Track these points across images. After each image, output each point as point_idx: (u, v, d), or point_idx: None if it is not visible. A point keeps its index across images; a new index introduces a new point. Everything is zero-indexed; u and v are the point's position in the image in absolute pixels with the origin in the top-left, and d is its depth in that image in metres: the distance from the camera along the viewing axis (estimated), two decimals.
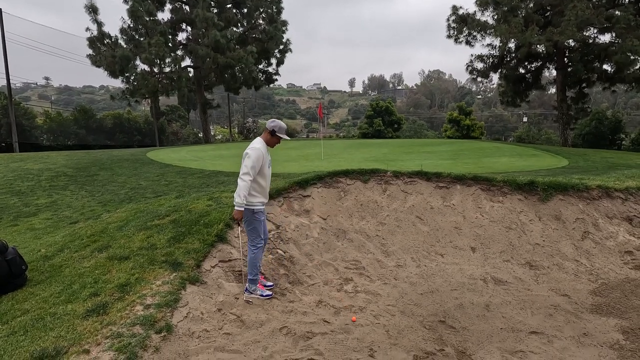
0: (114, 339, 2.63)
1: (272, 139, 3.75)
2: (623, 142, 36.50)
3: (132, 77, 24.14)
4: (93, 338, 2.63)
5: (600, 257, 5.04)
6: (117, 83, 25.38)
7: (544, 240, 5.26)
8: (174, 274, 3.60)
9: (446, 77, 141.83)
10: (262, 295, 3.78)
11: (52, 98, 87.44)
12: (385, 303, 3.99)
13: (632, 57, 18.06)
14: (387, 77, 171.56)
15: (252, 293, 3.77)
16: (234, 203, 3.61)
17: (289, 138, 3.88)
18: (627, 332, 3.50)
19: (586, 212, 5.67)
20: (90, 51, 24.73)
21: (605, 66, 20.46)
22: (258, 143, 3.68)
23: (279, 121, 3.79)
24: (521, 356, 3.13)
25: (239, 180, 3.57)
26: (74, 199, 7.55)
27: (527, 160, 12.78)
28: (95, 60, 24.31)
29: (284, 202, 5.67)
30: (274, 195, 5.62)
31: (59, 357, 2.43)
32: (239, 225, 3.83)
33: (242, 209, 3.57)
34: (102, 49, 24.50)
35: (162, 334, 2.82)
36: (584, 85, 22.72)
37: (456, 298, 4.14)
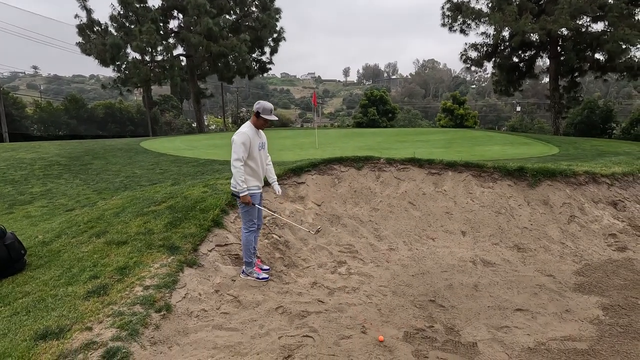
0: (116, 317, 2.72)
1: (258, 121, 3.71)
2: (614, 131, 37.01)
3: (124, 66, 23.78)
4: (95, 317, 2.72)
5: (585, 239, 5.22)
6: (108, 72, 25.13)
7: (531, 224, 5.42)
8: (172, 257, 3.68)
9: (440, 66, 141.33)
10: (258, 278, 3.85)
11: (42, 87, 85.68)
12: (378, 284, 4.13)
13: (623, 46, 18.20)
14: (382, 67, 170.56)
15: (248, 275, 3.85)
16: (236, 191, 3.63)
17: (276, 118, 3.82)
18: (606, 309, 3.68)
19: (573, 197, 5.83)
20: (79, 39, 24.27)
21: (597, 55, 20.60)
22: (244, 127, 3.68)
23: (264, 102, 3.70)
24: (506, 331, 3.29)
25: (232, 168, 3.62)
26: (69, 187, 7.55)
27: (518, 149, 12.95)
28: (85, 49, 23.88)
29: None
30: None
31: (62, 334, 2.52)
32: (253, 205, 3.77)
33: (246, 193, 3.62)
34: (91, 36, 24.05)
35: (162, 313, 2.91)
36: (576, 74, 22.89)
37: (446, 279, 4.29)
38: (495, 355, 2.93)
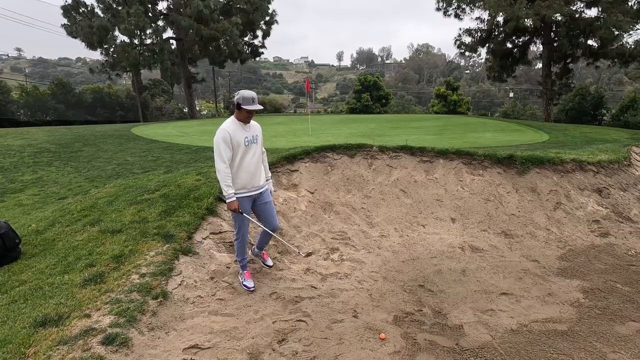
0: (113, 304, 2.79)
1: (241, 114, 3.22)
2: (604, 118, 37.46)
3: (112, 49, 23.16)
4: (93, 304, 2.79)
5: (569, 225, 5.39)
6: (96, 55, 24.43)
7: (519, 211, 5.57)
8: (167, 246, 3.73)
9: (435, 51, 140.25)
10: (243, 284, 3.57)
11: (26, 71, 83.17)
12: (369, 270, 4.25)
13: (616, 32, 18.24)
14: (376, 51, 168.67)
15: (239, 277, 3.68)
16: (222, 196, 3.35)
17: (259, 107, 3.23)
18: (586, 292, 3.85)
19: (560, 184, 5.98)
20: (65, 20, 23.49)
21: (590, 41, 20.63)
22: (225, 123, 3.24)
23: (243, 91, 3.21)
24: (491, 314, 3.44)
25: (216, 172, 3.27)
26: (60, 175, 7.49)
27: (510, 135, 13.09)
28: (71, 31, 23.15)
29: (271, 176, 5.78)
30: None
31: (61, 322, 2.58)
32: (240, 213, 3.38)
33: (233, 198, 3.26)
34: (77, 18, 23.29)
35: (159, 300, 2.99)
36: (569, 60, 22.95)
37: (435, 265, 4.42)
38: (479, 336, 3.08)
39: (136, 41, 23.44)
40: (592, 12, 20.28)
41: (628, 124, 30.99)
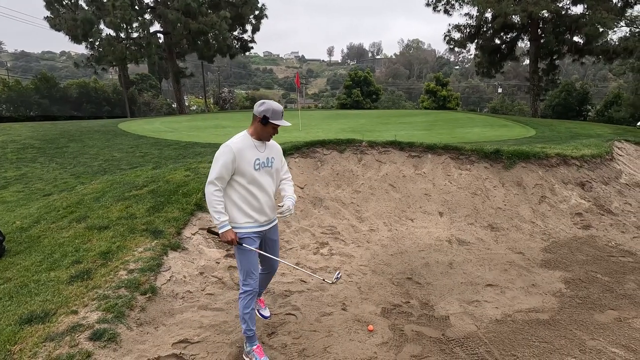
0: (101, 300, 2.77)
1: (265, 129, 2.50)
2: (589, 113, 38.27)
3: (97, 43, 22.66)
4: (80, 300, 2.76)
5: (553, 218, 5.52)
6: (81, 49, 23.86)
7: (505, 205, 5.68)
8: (155, 242, 3.71)
9: (425, 46, 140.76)
10: None
11: (8, 65, 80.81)
12: (358, 263, 4.30)
13: (601, 29, 18.59)
14: (366, 46, 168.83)
15: (246, 358, 2.61)
16: (212, 226, 2.63)
17: (289, 124, 2.58)
18: (568, 282, 3.97)
19: (544, 178, 6.12)
20: (48, 13, 22.87)
21: (575, 38, 20.99)
22: (235, 138, 2.50)
23: (271, 102, 2.52)
24: (476, 305, 3.52)
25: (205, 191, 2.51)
26: (45, 172, 7.35)
27: (497, 131, 13.29)
28: (54, 24, 22.57)
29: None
30: None
31: (47, 318, 2.56)
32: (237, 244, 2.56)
33: (227, 227, 2.46)
34: (61, 10, 22.70)
35: (147, 295, 2.98)
36: (555, 57, 23.32)
37: (423, 258, 4.50)
38: (465, 327, 3.16)
39: (122, 35, 22.97)
40: (578, 9, 20.65)
41: (612, 119, 31.78)
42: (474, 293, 3.73)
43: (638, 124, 17.73)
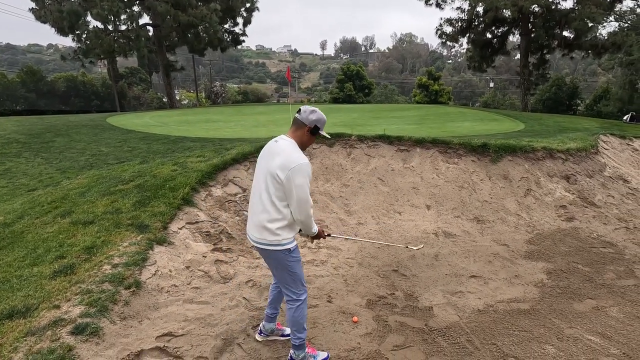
0: (84, 295, 2.76)
1: (311, 139, 2.40)
2: (579, 107, 38.74)
3: (84, 36, 22.18)
4: (62, 295, 2.75)
5: (538, 211, 5.61)
6: (68, 41, 23.33)
7: (491, 197, 5.76)
8: (141, 236, 3.69)
9: (418, 40, 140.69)
10: None
11: None
12: (345, 256, 4.33)
13: (590, 24, 18.75)
14: (360, 40, 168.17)
15: None
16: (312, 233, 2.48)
17: (329, 137, 2.66)
18: (550, 273, 4.05)
19: (530, 172, 6.20)
20: (32, 4, 22.31)
21: (565, 33, 21.15)
22: (301, 154, 2.28)
23: (320, 111, 2.41)
24: (460, 295, 3.58)
25: (306, 217, 2.31)
26: (30, 167, 7.23)
27: (487, 125, 13.39)
28: (40, 15, 22.00)
29: (250, 165, 5.76)
30: (239, 159, 5.70)
31: (29, 313, 2.54)
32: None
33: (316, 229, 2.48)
34: (46, 2, 22.14)
35: (132, 290, 2.97)
36: (545, 51, 23.49)
37: (409, 250, 4.54)
38: (448, 317, 3.21)
39: (110, 27, 22.52)
40: (568, 4, 20.82)
41: (600, 113, 32.21)
42: (458, 284, 3.80)
43: (624, 117, 17.98)
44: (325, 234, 2.65)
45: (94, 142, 9.12)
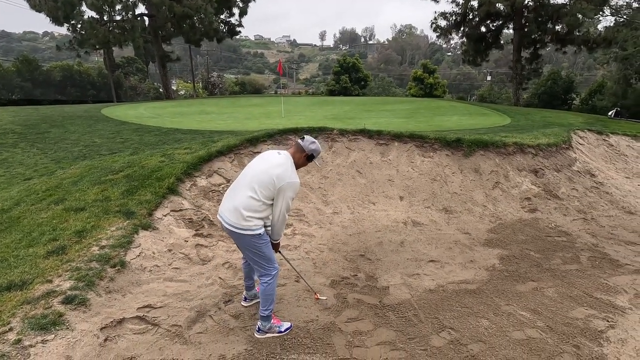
0: (73, 271, 3.12)
1: (306, 163, 2.91)
2: (574, 102, 38.94)
3: (79, 26, 22.21)
4: (54, 272, 3.11)
5: (504, 202, 5.99)
6: (64, 30, 23.26)
7: (461, 190, 6.12)
8: (127, 222, 4.04)
9: (418, 32, 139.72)
10: (280, 332, 2.98)
11: None
12: (318, 242, 4.71)
13: (581, 19, 18.94)
14: (359, 31, 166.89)
15: (267, 332, 2.95)
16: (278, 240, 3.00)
17: (319, 166, 3.12)
18: (503, 259, 4.44)
19: (500, 166, 6.56)
20: None
21: (557, 27, 21.32)
22: (295, 174, 2.76)
23: (318, 143, 2.93)
24: (416, 277, 3.96)
25: (282, 221, 2.80)
26: (26, 157, 7.54)
27: (475, 119, 13.70)
28: (35, 4, 22.00)
29: (235, 157, 6.09)
30: (224, 151, 6.03)
31: (25, 286, 2.90)
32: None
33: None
34: None
35: (117, 268, 3.34)
36: (538, 46, 23.67)
37: (378, 237, 4.92)
38: (400, 295, 3.60)
39: (105, 17, 22.53)
40: None
41: (595, 108, 32.44)
42: (417, 267, 4.18)
43: (609, 113, 18.29)
44: (279, 249, 3.14)
45: (88, 133, 9.41)
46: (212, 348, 2.76)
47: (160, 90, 37.74)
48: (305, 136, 2.92)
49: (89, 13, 22.49)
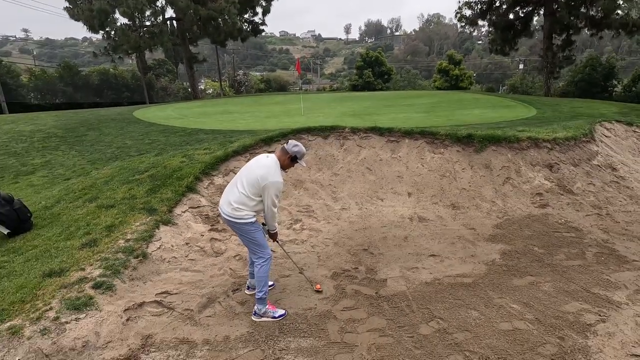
0: (103, 261, 3.58)
1: (290, 165, 3.25)
2: (615, 89, 36.38)
3: (113, 33, 23.57)
4: (87, 261, 3.58)
5: (514, 198, 5.98)
6: (100, 36, 24.80)
7: (470, 186, 6.16)
8: (150, 218, 4.50)
9: (446, 21, 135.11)
10: (274, 317, 3.28)
11: (34, 52, 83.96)
12: (324, 237, 4.97)
13: (617, 2, 17.80)
14: (385, 22, 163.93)
15: (262, 316, 3.27)
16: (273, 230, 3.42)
17: (304, 165, 3.44)
18: (504, 254, 4.51)
19: (512, 161, 6.52)
20: (67, 4, 23.89)
21: (592, 12, 20.13)
22: (279, 174, 3.14)
23: (302, 146, 3.27)
24: (414, 271, 4.15)
25: (271, 214, 3.22)
26: (66, 159, 8.31)
27: (497, 112, 13.36)
28: (73, 14, 23.57)
29: (250, 157, 6.46)
30: (240, 151, 6.41)
31: (63, 273, 3.38)
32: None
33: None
34: (78, 1, 23.65)
35: (139, 259, 3.77)
36: (571, 32, 22.45)
37: (383, 232, 5.12)
38: (397, 287, 3.81)
39: (136, 23, 23.76)
40: None
41: (639, 95, 30.17)
42: (416, 262, 4.35)
43: None
44: (278, 238, 3.58)
45: (120, 135, 10.16)
46: (218, 330, 3.12)
47: (189, 90, 39.22)
48: (289, 140, 3.37)
49: (122, 20, 23.82)
